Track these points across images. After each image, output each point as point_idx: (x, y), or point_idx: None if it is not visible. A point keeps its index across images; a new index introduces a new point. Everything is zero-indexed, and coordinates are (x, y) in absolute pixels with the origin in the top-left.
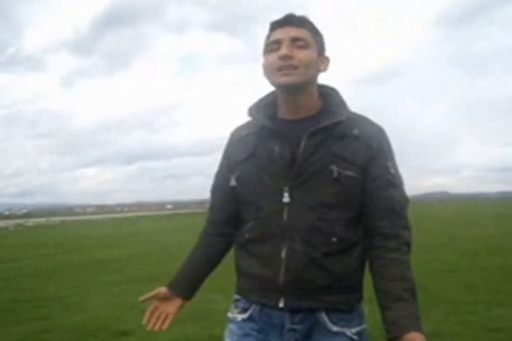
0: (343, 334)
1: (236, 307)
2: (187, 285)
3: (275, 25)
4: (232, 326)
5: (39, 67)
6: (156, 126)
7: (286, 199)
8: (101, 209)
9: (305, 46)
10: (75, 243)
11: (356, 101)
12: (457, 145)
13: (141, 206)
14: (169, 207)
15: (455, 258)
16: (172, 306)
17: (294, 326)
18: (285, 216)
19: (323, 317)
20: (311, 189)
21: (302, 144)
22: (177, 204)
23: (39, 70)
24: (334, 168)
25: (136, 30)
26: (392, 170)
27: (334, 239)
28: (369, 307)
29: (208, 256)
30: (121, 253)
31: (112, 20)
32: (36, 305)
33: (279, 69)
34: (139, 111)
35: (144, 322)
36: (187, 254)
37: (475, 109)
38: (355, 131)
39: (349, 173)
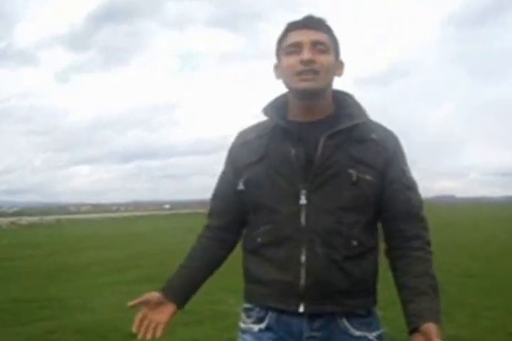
0: (366, 338)
1: (249, 316)
2: (182, 291)
3: (293, 27)
4: (247, 337)
5: (32, 61)
6: (154, 124)
7: (303, 201)
8: (96, 208)
9: (325, 50)
10: (72, 243)
11: (363, 100)
12: (464, 147)
13: (137, 205)
14: (167, 206)
15: (469, 263)
16: (164, 314)
17: (314, 333)
18: (303, 218)
19: (344, 322)
20: (328, 192)
21: (320, 146)
22: (175, 204)
23: (32, 65)
24: (353, 171)
25: (134, 25)
26: (408, 174)
27: (355, 243)
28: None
29: (207, 262)
30: (121, 254)
31: (108, 15)
32: (39, 306)
33: (299, 73)
34: (137, 108)
35: (134, 330)
36: (183, 259)
37: (483, 111)
38: (373, 135)
39: (368, 177)
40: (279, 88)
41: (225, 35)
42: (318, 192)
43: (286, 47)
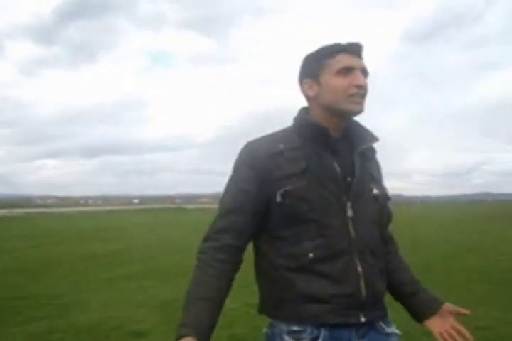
0: (393, 333)
1: (300, 339)
2: (211, 330)
3: (341, 49)
4: None
5: None
6: (123, 121)
7: (350, 213)
8: (63, 201)
9: (366, 78)
10: (51, 236)
11: None
12: (411, 151)
13: (105, 199)
14: (136, 201)
15: (425, 260)
16: None
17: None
18: (351, 230)
19: (381, 324)
20: (362, 205)
21: (356, 162)
22: (143, 199)
23: None
24: (373, 186)
25: (106, 23)
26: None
27: (385, 251)
28: None
29: (227, 290)
30: (106, 249)
31: (79, 11)
32: (36, 304)
33: (351, 96)
34: (106, 105)
35: None
36: (192, 286)
37: (429, 120)
38: (376, 155)
39: (380, 193)
40: (244, 91)
41: (196, 37)
42: (357, 206)
43: (337, 68)
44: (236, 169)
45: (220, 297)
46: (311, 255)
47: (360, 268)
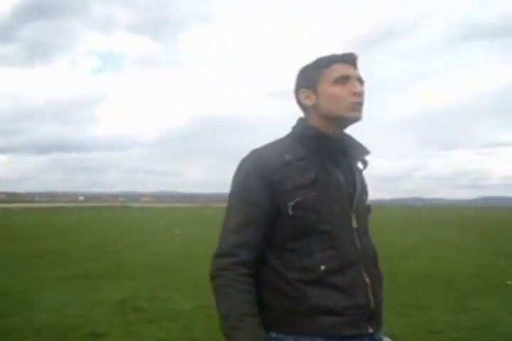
0: (385, 338)
1: None
2: None
3: (337, 59)
4: None
5: None
6: (73, 119)
7: (355, 225)
8: (10, 197)
9: (362, 86)
10: (4, 232)
11: (279, 111)
12: None
13: (52, 196)
14: (81, 198)
15: None
16: None
17: None
18: (357, 241)
19: (380, 333)
20: (360, 216)
21: (356, 173)
22: (89, 197)
23: None
24: (365, 197)
25: (60, 24)
26: None
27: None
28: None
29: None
30: (61, 245)
31: (34, 10)
32: None
33: (351, 104)
34: (57, 103)
35: None
36: (229, 304)
37: (364, 128)
38: (367, 167)
39: (369, 202)
40: (190, 95)
41: (145, 41)
42: (358, 217)
43: (334, 77)
44: (244, 180)
45: (256, 310)
46: (322, 267)
47: (367, 279)
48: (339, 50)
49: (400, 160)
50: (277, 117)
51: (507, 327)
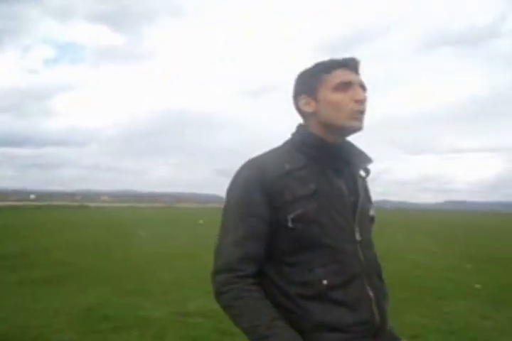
0: None
1: None
2: None
3: (338, 65)
4: None
5: None
6: (25, 112)
7: (358, 237)
8: None
9: (364, 93)
10: None
11: (243, 111)
12: None
13: (0, 194)
14: (32, 197)
15: None
16: None
17: None
18: (360, 255)
19: None
20: (363, 227)
21: (359, 183)
22: (41, 195)
23: None
24: (369, 206)
25: (15, 9)
26: None
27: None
28: None
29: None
30: (11, 249)
31: None
32: None
33: (352, 112)
34: (8, 94)
35: None
36: (253, 313)
37: None
38: (369, 175)
39: (373, 212)
40: (156, 89)
41: (106, 31)
42: (361, 228)
43: (335, 83)
44: (243, 192)
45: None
46: (325, 282)
47: (371, 293)
48: (307, 52)
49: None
50: (247, 116)
51: (482, 331)
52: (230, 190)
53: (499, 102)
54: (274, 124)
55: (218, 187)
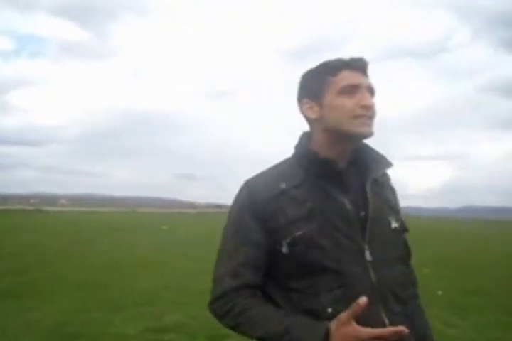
0: None
1: None
2: None
3: (344, 66)
4: None
5: None
6: None
7: (368, 257)
8: None
9: (373, 97)
10: None
11: (209, 113)
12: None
13: None
14: None
15: None
16: None
17: None
18: (372, 276)
19: None
20: (381, 243)
21: (369, 196)
22: None
23: None
24: (391, 218)
25: None
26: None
27: (413, 294)
28: None
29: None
30: None
31: None
32: None
33: (357, 117)
34: None
35: None
36: (259, 314)
37: (295, 139)
38: (391, 182)
39: (400, 224)
40: (119, 88)
41: (70, 27)
42: (375, 245)
43: (340, 87)
44: (238, 217)
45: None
46: (329, 310)
47: (386, 320)
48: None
49: None
50: (213, 118)
51: (447, 339)
52: (229, 213)
53: (450, 113)
54: (237, 128)
55: (179, 191)
